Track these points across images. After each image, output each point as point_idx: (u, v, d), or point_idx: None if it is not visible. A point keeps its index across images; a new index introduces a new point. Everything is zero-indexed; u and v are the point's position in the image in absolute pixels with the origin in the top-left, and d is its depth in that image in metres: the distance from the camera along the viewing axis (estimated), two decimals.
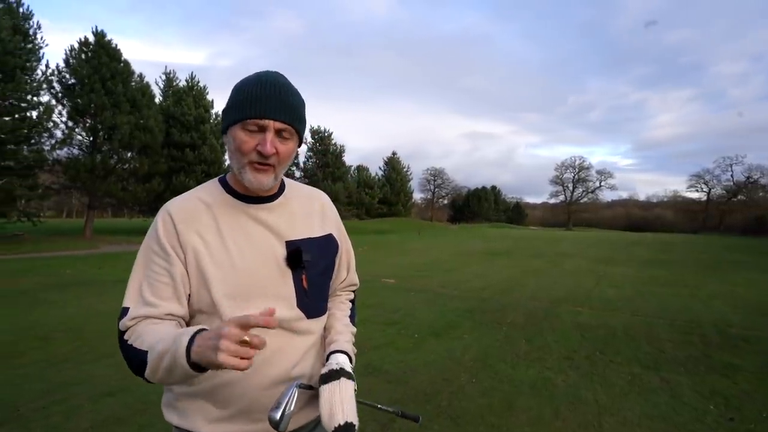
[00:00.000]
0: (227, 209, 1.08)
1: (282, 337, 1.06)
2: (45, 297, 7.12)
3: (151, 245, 1.05)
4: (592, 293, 8.24)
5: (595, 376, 4.00)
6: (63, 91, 22.44)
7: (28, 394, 3.39)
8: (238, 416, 1.04)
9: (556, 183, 76.78)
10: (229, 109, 1.04)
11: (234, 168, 1.06)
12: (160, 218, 1.06)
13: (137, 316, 0.99)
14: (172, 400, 1.08)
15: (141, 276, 1.03)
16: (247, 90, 1.02)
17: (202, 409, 1.05)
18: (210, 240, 1.04)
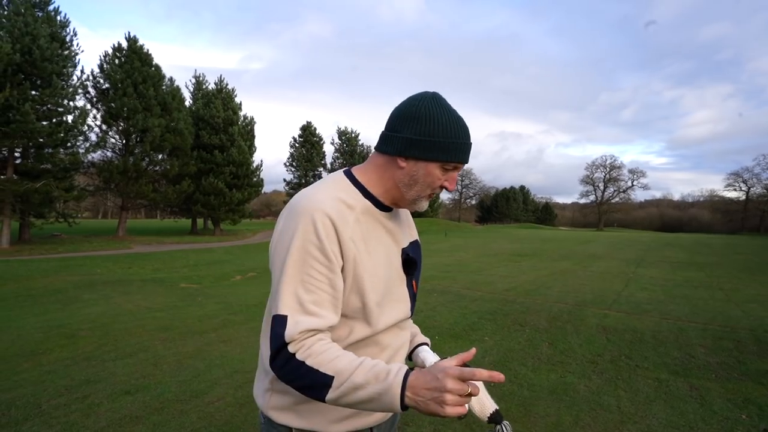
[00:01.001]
0: (368, 216, 1.09)
1: (398, 336, 1.16)
2: (76, 296, 7.34)
3: (309, 249, 0.98)
4: (621, 296, 7.99)
5: (620, 381, 3.85)
6: (97, 96, 23.25)
7: (51, 391, 3.48)
8: (361, 411, 1.07)
9: (587, 183, 75.17)
10: (433, 146, 1.04)
11: (409, 194, 1.09)
12: (318, 221, 0.99)
13: (305, 330, 0.94)
14: (290, 404, 1.07)
15: (297, 282, 0.97)
16: (453, 132, 1.05)
17: (326, 410, 1.06)
18: (361, 247, 1.05)
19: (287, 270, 0.97)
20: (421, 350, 1.23)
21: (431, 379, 0.84)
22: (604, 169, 73.67)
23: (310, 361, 0.91)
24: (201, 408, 3.18)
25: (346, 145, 50.34)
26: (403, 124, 1.06)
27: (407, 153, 1.05)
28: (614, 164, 73.31)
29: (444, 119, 1.06)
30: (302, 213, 0.99)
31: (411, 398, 0.85)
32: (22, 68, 18.36)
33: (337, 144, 50.65)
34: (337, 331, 1.04)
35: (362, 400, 0.88)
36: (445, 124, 1.05)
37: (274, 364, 0.95)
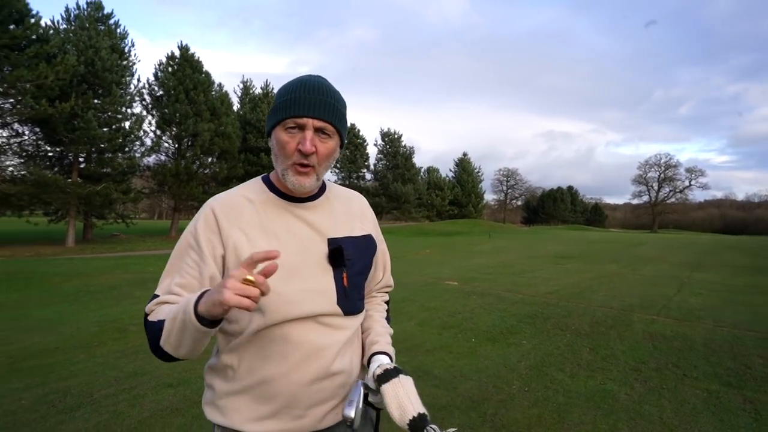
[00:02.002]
0: (271, 207, 1.11)
1: (321, 334, 1.08)
2: (129, 292, 7.75)
3: (188, 239, 1.08)
4: (672, 301, 7.61)
5: (665, 391, 3.68)
6: (152, 102, 24.48)
7: (102, 382, 3.70)
8: (281, 413, 1.05)
9: (640, 182, 71.96)
10: (271, 111, 1.10)
11: (278, 170, 1.09)
12: (202, 213, 1.09)
13: (160, 301, 1.03)
14: (213, 399, 1.09)
15: (175, 267, 1.07)
16: (287, 92, 1.06)
17: (244, 407, 1.05)
18: (253, 235, 1.06)
19: (171, 256, 1.09)
20: (373, 359, 1.14)
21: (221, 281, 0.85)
22: (659, 169, 70.34)
23: (153, 317, 1.00)
24: None
25: (389, 147, 50.51)
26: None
27: (268, 128, 1.11)
28: (670, 163, 69.86)
29: (285, 85, 1.09)
30: (200, 210, 1.11)
31: (202, 302, 0.86)
32: (85, 78, 19.58)
33: (381, 145, 50.92)
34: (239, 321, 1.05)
35: (180, 328, 0.91)
36: (283, 88, 1.08)
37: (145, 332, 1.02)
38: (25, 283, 9.16)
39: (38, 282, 9.35)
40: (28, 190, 17.84)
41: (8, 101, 18.63)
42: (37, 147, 21.13)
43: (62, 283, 9.27)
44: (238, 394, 1.06)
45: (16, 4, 17.32)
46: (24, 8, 17.74)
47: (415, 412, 0.97)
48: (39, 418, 3.09)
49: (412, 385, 1.04)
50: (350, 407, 0.95)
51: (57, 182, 18.25)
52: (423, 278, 9.94)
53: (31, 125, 19.88)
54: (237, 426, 1.04)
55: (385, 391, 1.01)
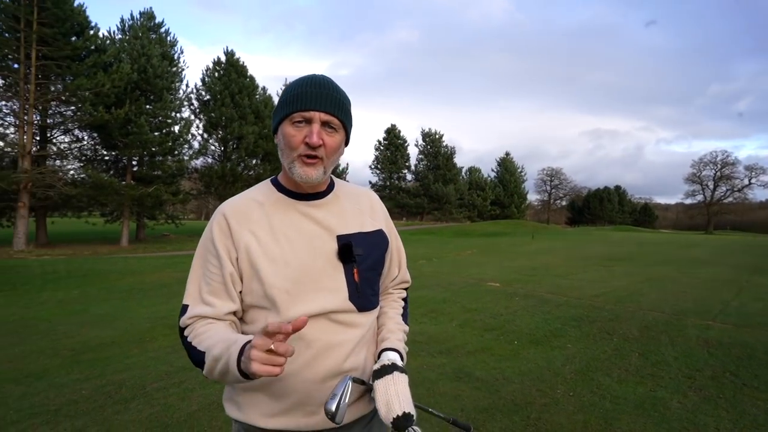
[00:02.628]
0: (279, 207, 1.13)
1: (334, 331, 1.09)
2: (178, 290, 8.05)
3: (206, 245, 1.12)
4: (729, 306, 7.21)
5: (722, 400, 3.50)
6: (200, 107, 25.39)
7: (154, 375, 3.87)
8: (294, 410, 1.07)
9: (693, 181, 68.36)
10: (277, 108, 1.13)
11: (285, 164, 1.11)
12: (215, 220, 1.13)
13: (195, 315, 1.07)
14: (232, 395, 1.14)
15: (199, 275, 1.11)
16: (293, 88, 1.09)
17: (259, 403, 1.09)
18: (262, 236, 1.09)
19: (193, 265, 1.13)
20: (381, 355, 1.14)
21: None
22: (714, 167, 66.65)
23: (193, 340, 1.03)
24: None
25: (429, 147, 50.33)
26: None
27: (273, 124, 1.14)
28: (727, 160, 66.03)
29: (292, 82, 1.11)
30: (211, 217, 1.15)
31: (243, 362, 0.87)
32: (138, 85, 20.56)
33: (421, 146, 50.80)
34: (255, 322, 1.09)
35: (222, 372, 0.94)
36: (289, 85, 1.11)
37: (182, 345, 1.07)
38: (84, 280, 9.71)
39: (96, 279, 9.88)
40: (87, 192, 18.90)
41: (69, 108, 19.84)
42: (95, 151, 22.41)
43: (117, 280, 9.77)
44: (254, 391, 1.09)
45: (77, 17, 18.41)
46: (84, 21, 18.84)
47: (400, 411, 0.98)
48: (97, 408, 3.27)
49: (405, 383, 1.04)
50: (332, 401, 0.94)
51: (112, 185, 19.24)
52: (464, 279, 9.84)
53: (89, 131, 21.12)
54: (252, 421, 1.08)
55: (376, 387, 1.03)
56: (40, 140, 19.84)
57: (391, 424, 0.97)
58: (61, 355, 4.55)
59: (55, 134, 21.15)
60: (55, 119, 20.44)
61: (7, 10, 16.88)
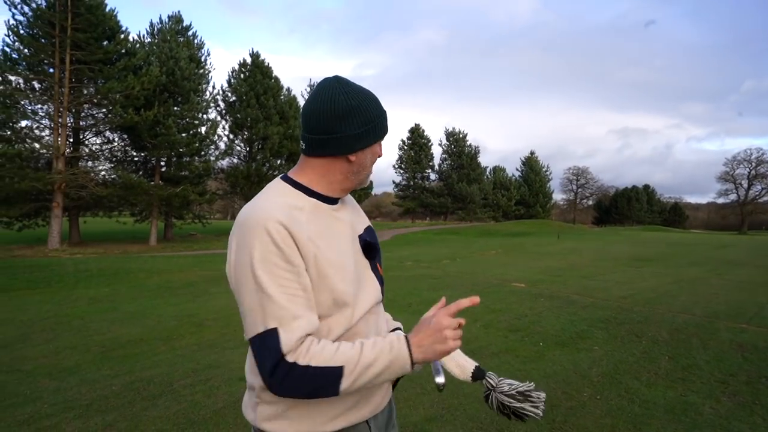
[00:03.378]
0: (317, 212, 1.09)
1: (379, 321, 1.18)
2: (205, 289, 8.22)
3: (273, 260, 0.97)
4: (765, 309, 6.95)
5: (757, 406, 3.37)
6: (226, 108, 25.80)
7: (181, 372, 3.95)
8: (358, 404, 1.09)
9: (726, 180, 66.21)
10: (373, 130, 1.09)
11: (360, 179, 1.15)
12: (271, 230, 0.97)
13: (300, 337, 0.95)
14: (281, 411, 1.05)
15: (276, 292, 0.96)
16: (377, 110, 1.11)
17: (321, 409, 1.05)
18: (320, 243, 1.04)
19: (259, 286, 0.95)
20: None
21: (426, 328, 1.00)
22: (749, 165, 64.39)
23: (315, 362, 0.93)
24: None
25: (453, 146, 50.07)
26: (340, 124, 1.05)
27: (356, 147, 1.08)
28: (762, 158, 63.66)
29: (368, 101, 1.09)
30: (254, 227, 0.97)
31: (418, 353, 0.99)
32: (166, 87, 21.03)
33: (445, 145, 50.57)
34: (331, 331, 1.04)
35: (375, 374, 0.97)
36: (371, 106, 1.09)
37: (273, 380, 0.93)
38: (114, 278, 9.98)
39: (126, 277, 10.15)
40: (117, 192, 19.43)
41: (101, 111, 20.44)
42: (125, 152, 23.02)
43: (146, 279, 10.01)
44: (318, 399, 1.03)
45: (109, 21, 18.94)
46: (115, 25, 19.38)
47: (471, 366, 1.15)
48: (126, 404, 3.36)
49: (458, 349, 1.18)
50: (440, 375, 1.09)
51: (142, 185, 19.72)
52: (489, 279, 9.75)
53: (119, 132, 21.72)
54: (314, 428, 1.04)
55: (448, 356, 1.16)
56: (73, 142, 20.47)
57: (471, 377, 1.14)
58: (92, 352, 4.68)
59: (87, 136, 21.82)
60: (88, 121, 21.09)
61: (44, 16, 17.48)
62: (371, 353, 0.96)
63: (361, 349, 0.97)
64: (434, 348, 0.99)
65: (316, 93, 1.07)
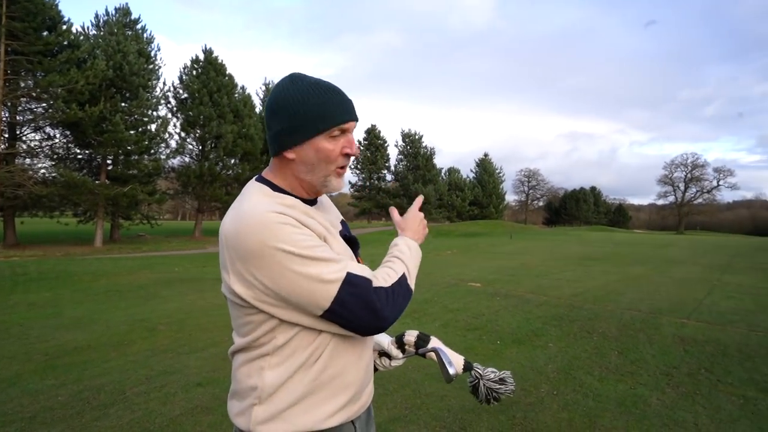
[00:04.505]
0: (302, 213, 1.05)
1: None
2: (156, 292, 7.91)
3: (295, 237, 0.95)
4: (702, 304, 7.42)
5: (698, 396, 3.59)
6: (177, 105, 24.94)
7: (134, 380, 3.78)
8: (353, 400, 1.08)
9: (665, 183, 70.36)
10: (304, 123, 1.02)
11: (315, 179, 1.06)
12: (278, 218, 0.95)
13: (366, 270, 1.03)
14: (277, 413, 1.02)
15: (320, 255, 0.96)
16: (317, 99, 1.01)
17: (317, 406, 1.03)
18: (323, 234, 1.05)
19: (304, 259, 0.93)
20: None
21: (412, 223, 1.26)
22: (685, 168, 68.67)
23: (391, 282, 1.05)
24: None
25: (409, 148, 50.48)
26: (272, 120, 1.05)
27: (287, 144, 1.03)
28: (697, 163, 68.12)
29: (304, 92, 1.02)
30: (261, 225, 0.94)
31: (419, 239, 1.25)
32: (113, 83, 20.11)
33: (401, 146, 50.91)
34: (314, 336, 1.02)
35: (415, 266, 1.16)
36: (306, 97, 1.01)
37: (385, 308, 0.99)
38: (56, 282, 9.42)
39: (69, 281, 9.61)
40: (58, 191, 18.39)
41: (41, 105, 19.28)
42: (68, 150, 21.82)
43: (92, 282, 9.52)
44: (312, 395, 1.03)
45: (50, 11, 17.89)
46: (57, 15, 18.33)
47: (461, 358, 1.24)
48: (75, 414, 3.18)
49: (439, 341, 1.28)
50: (452, 367, 1.16)
51: (86, 184, 18.76)
52: (445, 279, 9.89)
53: (61, 128, 20.54)
54: (308, 428, 1.02)
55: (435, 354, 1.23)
56: (8, 138, 19.21)
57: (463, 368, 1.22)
58: (35, 360, 4.40)
59: (24, 132, 20.52)
60: (25, 116, 19.83)
61: None
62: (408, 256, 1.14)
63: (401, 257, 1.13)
64: (424, 232, 1.27)
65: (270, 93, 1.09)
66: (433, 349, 1.21)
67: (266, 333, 1.01)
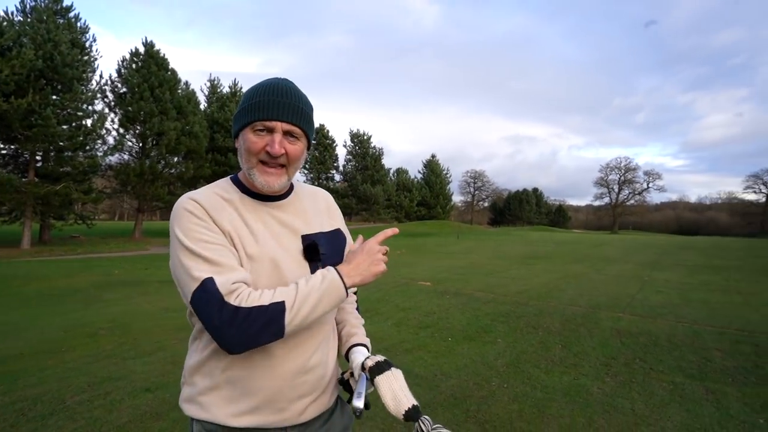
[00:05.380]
0: (246, 206, 1.12)
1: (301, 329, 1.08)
2: (97, 295, 7.50)
3: (194, 229, 1.01)
4: (635, 299, 7.93)
5: (634, 384, 3.85)
6: (115, 100, 23.65)
7: (75, 388, 3.58)
8: (263, 407, 1.07)
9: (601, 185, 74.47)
10: (239, 113, 1.11)
11: (244, 169, 1.11)
12: (188, 205, 1.04)
13: (236, 281, 0.97)
14: (194, 396, 1.09)
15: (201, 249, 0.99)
16: (256, 95, 1.08)
17: (226, 402, 1.06)
18: (240, 231, 1.06)
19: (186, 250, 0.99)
20: (355, 350, 1.22)
21: (360, 254, 1.10)
22: (619, 171, 72.95)
23: (257, 303, 0.95)
24: None
25: (358, 148, 50.47)
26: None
27: (234, 133, 1.14)
28: (629, 166, 72.58)
29: (251, 90, 1.11)
30: (177, 208, 1.06)
31: (354, 276, 1.06)
32: (44, 74, 18.79)
33: (350, 146, 50.82)
34: None
35: (314, 304, 1.00)
36: (251, 90, 1.11)
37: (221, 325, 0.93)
38: None
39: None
40: None
41: None
42: None
43: (22, 286, 8.89)
44: (220, 389, 1.07)
45: None
46: None
47: (409, 404, 1.03)
48: (8, 428, 2.97)
49: (402, 378, 1.09)
50: (359, 399, 1.02)
51: (11, 181, 17.44)
52: (396, 279, 9.99)
53: None
54: (219, 420, 1.05)
55: (379, 383, 1.06)
56: None
57: (403, 416, 1.02)
58: None
59: None
60: None
61: None
62: (306, 287, 1.00)
63: (297, 286, 1.01)
64: (370, 269, 1.08)
65: None
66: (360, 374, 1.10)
67: (191, 313, 1.06)
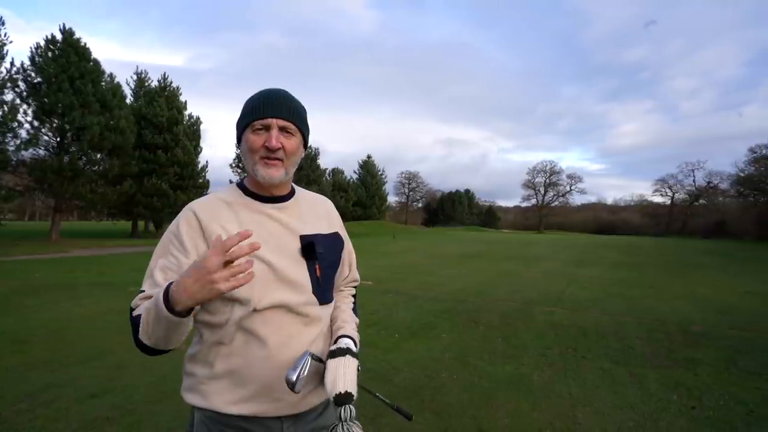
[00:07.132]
0: (246, 207, 1.22)
1: (297, 323, 1.18)
2: (18, 301, 6.95)
3: (170, 239, 1.17)
4: (564, 294, 8.53)
5: (569, 371, 4.20)
6: (28, 90, 21.68)
7: (10, 398, 3.36)
8: (259, 396, 1.14)
9: (528, 187, 78.32)
10: (239, 120, 1.22)
11: (249, 168, 1.20)
12: (183, 216, 1.18)
13: (145, 296, 1.10)
14: (194, 385, 1.17)
15: (157, 264, 1.14)
16: (252, 100, 1.20)
17: (224, 390, 1.14)
18: (231, 230, 1.13)
19: (154, 254, 1.18)
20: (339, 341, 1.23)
21: (194, 270, 0.92)
22: (545, 174, 77.08)
23: (136, 313, 1.08)
24: (174, 408, 3.19)
25: None
26: None
27: (237, 138, 1.25)
28: (554, 169, 76.86)
29: (249, 97, 1.23)
30: (179, 215, 1.20)
31: (182, 298, 0.93)
32: None
33: None
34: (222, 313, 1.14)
35: (151, 320, 1.00)
36: (247, 100, 1.23)
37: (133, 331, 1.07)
38: None
39: None
40: None
41: None
42: None
43: None
44: (219, 379, 1.15)
45: None
46: None
47: (343, 389, 1.06)
48: None
49: (354, 366, 1.14)
50: (293, 371, 1.04)
51: None
52: None
53: None
54: (216, 407, 1.14)
55: (328, 365, 1.13)
56: None
57: (333, 399, 1.06)
58: None
59: None
60: None
61: None
62: (149, 301, 1.04)
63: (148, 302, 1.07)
64: (203, 293, 0.92)
65: None
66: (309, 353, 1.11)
67: None
